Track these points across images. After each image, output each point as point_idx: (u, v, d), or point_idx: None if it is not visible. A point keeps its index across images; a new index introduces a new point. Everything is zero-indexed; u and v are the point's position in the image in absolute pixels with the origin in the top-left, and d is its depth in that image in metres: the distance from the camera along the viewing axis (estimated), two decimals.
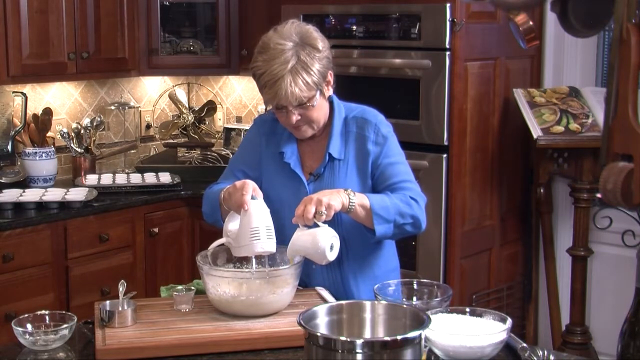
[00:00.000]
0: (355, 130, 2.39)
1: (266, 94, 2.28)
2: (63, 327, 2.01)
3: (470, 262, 3.68)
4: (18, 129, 3.92)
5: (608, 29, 3.43)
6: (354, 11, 3.69)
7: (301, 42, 2.26)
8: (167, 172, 4.17)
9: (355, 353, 1.57)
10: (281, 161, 2.41)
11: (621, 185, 1.78)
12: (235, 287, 2.13)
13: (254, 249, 2.15)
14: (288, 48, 2.24)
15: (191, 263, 4.07)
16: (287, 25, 2.31)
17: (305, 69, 2.24)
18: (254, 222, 2.14)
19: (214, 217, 2.42)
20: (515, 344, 1.95)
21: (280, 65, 2.23)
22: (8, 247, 3.38)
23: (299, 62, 2.24)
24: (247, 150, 2.52)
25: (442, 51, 3.45)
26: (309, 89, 2.26)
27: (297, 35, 2.27)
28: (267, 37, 2.31)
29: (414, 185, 2.37)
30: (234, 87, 4.77)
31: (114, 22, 4.05)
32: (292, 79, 2.23)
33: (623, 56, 1.81)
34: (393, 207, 2.27)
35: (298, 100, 2.26)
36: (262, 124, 2.50)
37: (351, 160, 2.38)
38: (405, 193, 2.32)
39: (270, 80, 2.24)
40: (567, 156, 3.68)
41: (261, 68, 2.26)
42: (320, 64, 2.27)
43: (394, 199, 2.29)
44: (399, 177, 2.36)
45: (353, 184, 2.36)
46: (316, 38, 2.29)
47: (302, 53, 2.25)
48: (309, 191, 2.37)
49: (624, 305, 2.15)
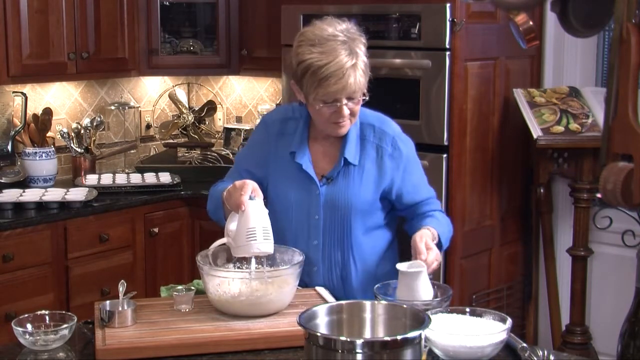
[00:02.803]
0: (372, 139, 2.40)
1: (326, 87, 2.25)
2: (63, 327, 2.01)
3: (470, 262, 3.68)
4: (18, 129, 3.92)
5: (608, 29, 3.43)
6: (354, 11, 3.69)
7: (350, 36, 2.28)
8: (167, 172, 4.17)
9: (355, 353, 1.57)
10: (291, 162, 2.40)
11: (621, 185, 1.78)
12: (235, 287, 2.13)
13: (251, 250, 2.15)
14: (344, 40, 2.26)
15: (191, 263, 4.06)
16: (328, 19, 2.33)
17: (364, 63, 2.28)
18: (250, 222, 2.14)
19: (217, 216, 2.42)
20: (515, 344, 1.95)
21: (346, 57, 2.23)
22: (8, 247, 3.38)
23: (356, 55, 2.26)
24: (255, 150, 2.50)
25: (442, 51, 3.45)
26: (366, 82, 2.29)
27: (343, 29, 2.29)
28: (315, 29, 2.31)
29: (434, 195, 2.50)
30: (234, 87, 4.77)
31: (114, 22, 4.05)
32: (358, 73, 2.25)
33: (623, 56, 1.81)
34: (447, 232, 2.43)
35: (360, 92, 2.28)
36: (271, 124, 2.48)
37: (367, 168, 2.38)
38: (436, 210, 2.45)
39: (338, 70, 2.22)
40: (567, 156, 3.68)
41: (321, 60, 2.24)
42: (366, 58, 2.30)
43: (444, 225, 2.42)
44: (423, 194, 2.46)
45: (367, 192, 2.37)
46: (356, 31, 2.32)
47: (356, 47, 2.27)
48: (321, 193, 2.37)
49: (624, 305, 2.15)
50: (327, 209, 2.37)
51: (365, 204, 2.37)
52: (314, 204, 2.37)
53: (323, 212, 2.37)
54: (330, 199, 2.37)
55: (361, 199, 2.36)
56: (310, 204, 2.38)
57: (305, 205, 2.38)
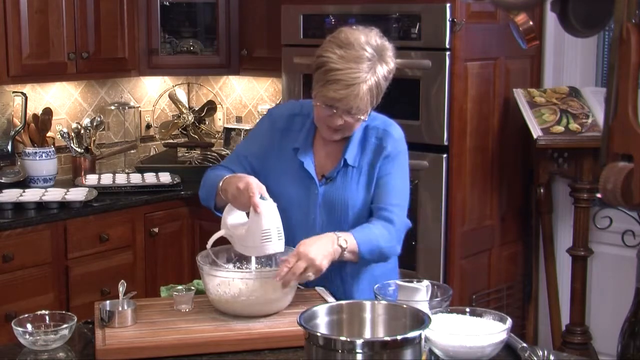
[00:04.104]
0: (374, 141, 2.38)
1: (330, 90, 2.22)
2: (63, 327, 2.01)
3: (470, 262, 3.68)
4: (18, 129, 3.92)
5: (608, 29, 3.43)
6: (354, 11, 3.69)
7: (379, 56, 2.23)
8: (167, 172, 4.17)
9: (355, 353, 1.57)
10: (293, 158, 2.39)
11: (621, 185, 1.78)
12: (235, 287, 2.13)
13: (266, 251, 2.16)
14: (369, 57, 2.21)
15: (191, 263, 4.06)
16: (366, 30, 2.26)
17: (377, 87, 2.23)
18: (265, 224, 2.13)
19: (208, 202, 2.42)
20: (515, 344, 1.95)
21: (361, 73, 2.19)
22: (8, 247, 3.38)
23: (375, 76, 2.21)
24: (257, 141, 2.48)
25: (442, 51, 3.45)
26: (370, 105, 2.26)
27: (376, 46, 2.23)
28: (349, 32, 2.25)
29: (401, 210, 2.37)
30: (234, 87, 4.77)
31: (114, 22, 4.05)
32: (365, 92, 2.21)
33: (623, 56, 1.81)
34: (377, 247, 2.29)
35: (356, 111, 2.24)
36: (278, 119, 2.46)
37: (364, 169, 2.38)
38: (387, 219, 2.33)
39: (345, 81, 2.19)
40: (567, 156, 3.67)
41: (337, 63, 2.20)
42: (385, 85, 2.27)
43: (380, 238, 2.29)
44: (390, 199, 2.35)
45: (361, 193, 2.37)
46: (391, 57, 2.27)
47: (379, 69, 2.22)
48: (319, 193, 2.37)
49: (624, 305, 2.15)
50: (325, 209, 2.37)
51: (362, 205, 2.37)
52: (312, 203, 2.38)
53: (320, 211, 2.37)
54: (328, 199, 2.37)
55: (358, 200, 2.36)
56: (308, 203, 2.38)
57: (303, 203, 2.38)
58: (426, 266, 3.56)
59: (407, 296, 2.02)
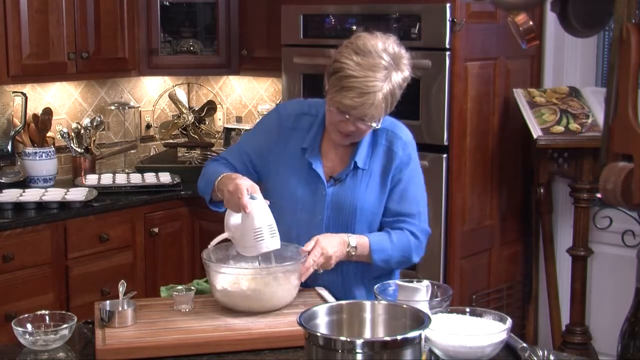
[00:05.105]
0: (384, 143, 2.37)
1: (345, 97, 2.20)
2: (63, 327, 2.01)
3: (470, 262, 3.68)
4: (18, 129, 3.92)
5: (608, 29, 3.43)
6: (354, 11, 3.69)
7: (395, 64, 2.22)
8: (167, 172, 4.17)
9: (355, 353, 1.57)
10: (301, 157, 2.38)
11: (621, 185, 1.78)
12: (241, 282, 2.14)
13: (259, 250, 2.18)
14: (386, 65, 2.19)
15: (191, 263, 4.07)
16: (384, 37, 2.25)
17: (392, 95, 2.22)
18: (256, 223, 2.15)
19: (204, 195, 2.44)
20: (515, 344, 1.95)
21: (377, 82, 2.18)
22: (8, 247, 3.38)
23: (390, 85, 2.20)
24: (261, 137, 2.46)
25: (442, 51, 3.45)
26: (384, 113, 2.26)
27: (393, 54, 2.22)
28: (366, 39, 2.23)
29: (420, 219, 2.39)
30: (234, 87, 4.77)
31: (114, 22, 4.05)
32: (380, 100, 2.20)
33: (623, 56, 1.81)
34: (394, 256, 2.35)
35: (370, 119, 2.24)
36: (285, 117, 2.44)
37: (375, 172, 2.37)
38: (407, 230, 2.36)
39: (361, 89, 2.18)
40: (567, 156, 3.67)
41: (354, 70, 2.18)
42: (399, 93, 2.26)
43: (395, 247, 2.34)
44: (407, 208, 2.37)
45: (372, 195, 2.36)
46: (407, 65, 2.26)
47: (394, 77, 2.21)
48: (327, 194, 2.36)
49: (624, 305, 2.15)
50: (332, 210, 2.37)
51: (370, 208, 2.37)
52: (319, 203, 2.37)
53: (327, 212, 2.37)
54: (336, 200, 2.36)
55: (367, 203, 2.36)
56: (315, 203, 2.37)
57: (310, 203, 2.37)
58: (426, 266, 3.55)
59: (407, 296, 2.02)
